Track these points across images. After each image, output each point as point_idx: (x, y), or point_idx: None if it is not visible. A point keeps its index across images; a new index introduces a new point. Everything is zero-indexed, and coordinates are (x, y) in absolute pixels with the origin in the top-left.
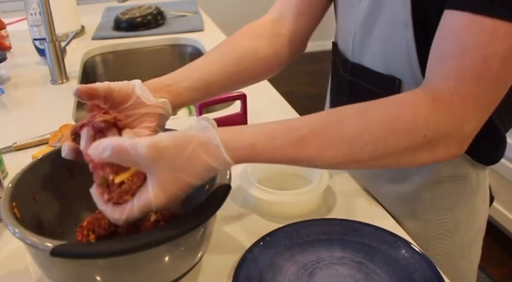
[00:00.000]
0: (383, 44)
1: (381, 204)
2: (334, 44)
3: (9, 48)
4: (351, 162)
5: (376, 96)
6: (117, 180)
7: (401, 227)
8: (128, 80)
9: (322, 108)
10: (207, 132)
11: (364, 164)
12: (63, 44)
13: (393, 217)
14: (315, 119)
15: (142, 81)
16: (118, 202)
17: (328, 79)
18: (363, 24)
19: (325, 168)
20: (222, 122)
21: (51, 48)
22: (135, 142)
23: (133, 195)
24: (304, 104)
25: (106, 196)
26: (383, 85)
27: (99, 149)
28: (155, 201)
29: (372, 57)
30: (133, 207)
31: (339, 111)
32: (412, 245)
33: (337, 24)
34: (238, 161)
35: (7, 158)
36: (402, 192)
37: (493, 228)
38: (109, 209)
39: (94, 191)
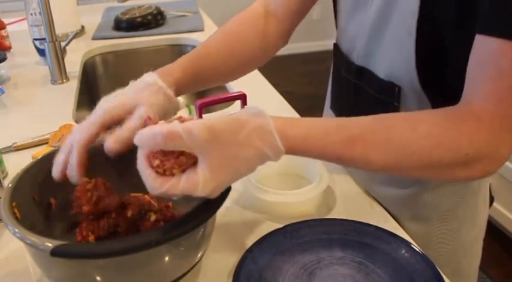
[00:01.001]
0: (387, 50)
1: (381, 205)
2: (336, 46)
3: (9, 48)
4: (393, 168)
5: (380, 102)
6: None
7: (403, 228)
8: (128, 80)
9: (322, 108)
10: (261, 118)
11: (405, 172)
12: (63, 44)
13: (394, 219)
14: (366, 122)
15: None
16: (164, 173)
17: (328, 79)
18: (371, 28)
19: (367, 171)
20: None
21: (51, 48)
22: (187, 125)
23: (183, 172)
24: (304, 104)
25: (157, 162)
26: (384, 91)
27: (149, 135)
28: (202, 186)
29: (376, 62)
30: (179, 182)
31: (389, 118)
32: (412, 245)
33: (340, 26)
34: (289, 150)
35: (7, 158)
36: (403, 194)
37: (493, 228)
38: (152, 175)
39: (142, 152)
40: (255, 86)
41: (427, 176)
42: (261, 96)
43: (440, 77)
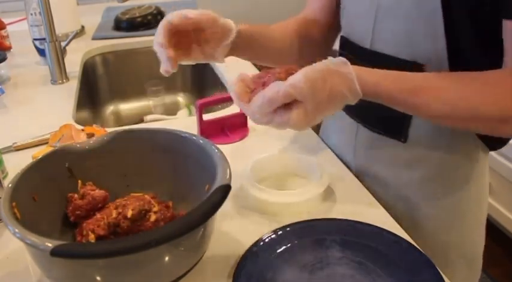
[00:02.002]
0: (406, 30)
1: (381, 204)
2: (343, 37)
3: (9, 48)
4: (448, 118)
5: None
6: None
7: (418, 211)
8: (128, 80)
9: None
10: (345, 67)
11: (457, 123)
12: (63, 44)
13: (409, 202)
14: (429, 77)
15: (142, 81)
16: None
17: None
18: (385, 11)
19: (424, 119)
20: (222, 122)
21: (51, 48)
22: (294, 83)
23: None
24: None
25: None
26: (406, 71)
27: (268, 102)
28: (296, 122)
29: (395, 44)
30: (275, 116)
31: (448, 75)
32: (412, 245)
33: (346, 15)
34: (365, 94)
35: (7, 158)
36: (418, 176)
37: (493, 228)
38: (251, 109)
39: (236, 89)
40: None
41: (476, 128)
42: None
43: (468, 50)
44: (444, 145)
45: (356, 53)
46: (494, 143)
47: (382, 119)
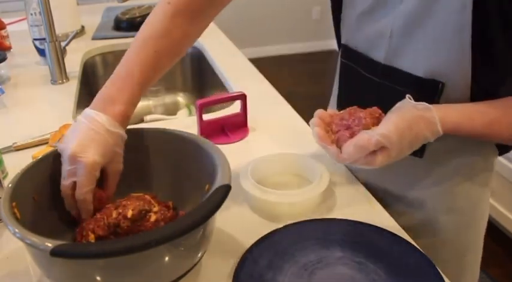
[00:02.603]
0: (428, 48)
1: (381, 204)
2: (347, 47)
3: (9, 48)
4: None
5: (416, 99)
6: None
7: (437, 222)
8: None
9: (322, 108)
10: (428, 112)
11: None
12: (63, 44)
13: (430, 213)
14: (497, 107)
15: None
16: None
17: (333, 80)
18: (404, 27)
19: (497, 142)
20: (222, 122)
21: (51, 48)
22: (385, 134)
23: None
24: (304, 104)
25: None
26: (421, 89)
27: (360, 149)
28: (379, 164)
29: (412, 60)
30: (360, 160)
31: (508, 102)
32: (413, 245)
33: (351, 26)
34: (445, 132)
35: (7, 158)
36: (441, 186)
37: (493, 228)
38: (335, 151)
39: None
40: (255, 86)
41: None
42: (261, 96)
43: (492, 69)
44: (456, 158)
45: (364, 66)
46: (506, 148)
47: None
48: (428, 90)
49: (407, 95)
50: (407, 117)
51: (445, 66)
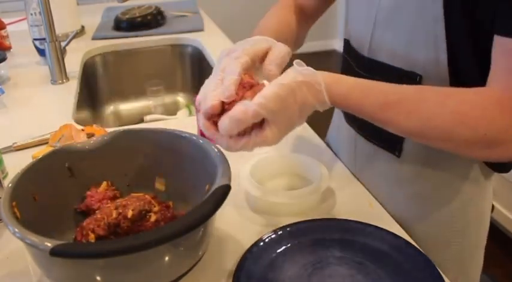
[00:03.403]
0: (406, 40)
1: (382, 205)
2: (347, 41)
3: (9, 48)
4: (418, 136)
5: None
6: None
7: (411, 231)
8: (128, 80)
9: None
10: (314, 77)
11: (427, 141)
12: (63, 44)
13: (402, 221)
14: (402, 90)
15: (142, 81)
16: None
17: None
18: (384, 19)
19: (395, 133)
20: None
21: (51, 48)
22: (263, 102)
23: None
24: None
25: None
26: (402, 81)
27: (236, 121)
28: (271, 140)
29: (392, 52)
30: (249, 140)
31: (423, 90)
32: (412, 245)
33: (349, 20)
34: (334, 104)
35: (7, 158)
36: (414, 193)
37: (493, 228)
38: (224, 139)
39: (202, 121)
40: None
41: (448, 148)
42: None
43: (469, 62)
44: (440, 162)
45: (354, 60)
46: (498, 165)
47: (378, 131)
48: (409, 83)
49: (296, 60)
50: (288, 83)
51: (422, 59)
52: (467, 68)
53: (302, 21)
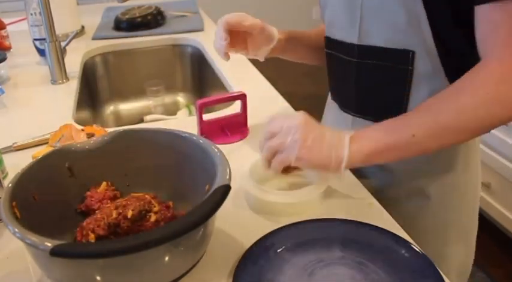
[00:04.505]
0: (394, 23)
1: (382, 205)
2: (328, 38)
3: (9, 48)
4: (444, 143)
5: (387, 70)
6: None
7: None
8: (128, 80)
9: (322, 108)
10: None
11: (460, 135)
12: (63, 44)
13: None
14: (414, 121)
15: (142, 81)
16: None
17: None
18: (369, 6)
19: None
20: (222, 122)
21: (51, 48)
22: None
23: None
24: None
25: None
26: (396, 59)
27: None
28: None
29: (383, 35)
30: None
31: (431, 107)
32: (412, 245)
33: (328, 16)
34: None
35: (7, 158)
36: (411, 188)
37: (492, 228)
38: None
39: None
40: (255, 86)
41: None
42: (261, 96)
43: (453, 39)
44: (432, 157)
45: (342, 50)
46: None
47: (377, 108)
48: (403, 60)
49: None
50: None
51: (412, 39)
52: (454, 46)
53: None
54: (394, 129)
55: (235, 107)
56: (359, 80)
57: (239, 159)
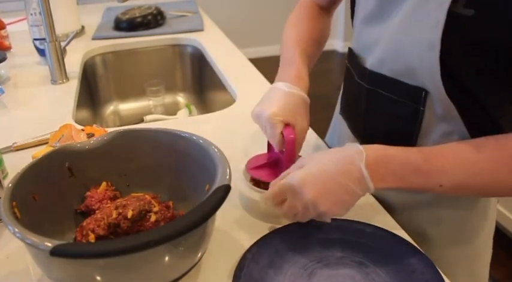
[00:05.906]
0: (410, 60)
1: (383, 206)
2: (351, 50)
3: (9, 48)
4: (461, 189)
5: (397, 105)
6: None
7: (423, 234)
8: (128, 80)
9: (322, 108)
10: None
11: (471, 191)
12: (63, 44)
13: (413, 227)
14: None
15: (142, 81)
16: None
17: (333, 80)
18: (393, 39)
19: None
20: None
21: (51, 48)
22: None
23: None
24: None
25: None
26: (408, 95)
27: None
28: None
29: (399, 68)
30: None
31: (457, 147)
32: (413, 245)
33: (356, 31)
34: (379, 189)
35: (7, 158)
36: (423, 198)
37: (496, 230)
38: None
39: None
40: (255, 86)
41: (492, 194)
42: (261, 96)
43: (465, 87)
44: None
45: (357, 71)
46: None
47: (387, 136)
48: (413, 98)
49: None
50: (329, 173)
51: (425, 77)
52: (463, 93)
53: (322, 15)
54: (422, 172)
55: (236, 107)
56: (370, 107)
57: (239, 159)
